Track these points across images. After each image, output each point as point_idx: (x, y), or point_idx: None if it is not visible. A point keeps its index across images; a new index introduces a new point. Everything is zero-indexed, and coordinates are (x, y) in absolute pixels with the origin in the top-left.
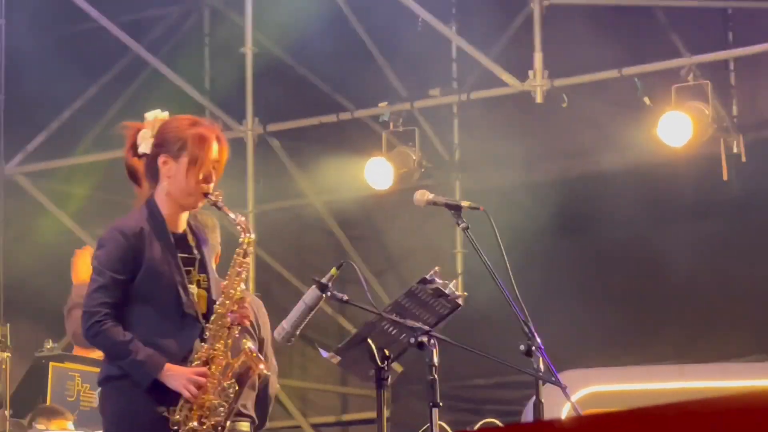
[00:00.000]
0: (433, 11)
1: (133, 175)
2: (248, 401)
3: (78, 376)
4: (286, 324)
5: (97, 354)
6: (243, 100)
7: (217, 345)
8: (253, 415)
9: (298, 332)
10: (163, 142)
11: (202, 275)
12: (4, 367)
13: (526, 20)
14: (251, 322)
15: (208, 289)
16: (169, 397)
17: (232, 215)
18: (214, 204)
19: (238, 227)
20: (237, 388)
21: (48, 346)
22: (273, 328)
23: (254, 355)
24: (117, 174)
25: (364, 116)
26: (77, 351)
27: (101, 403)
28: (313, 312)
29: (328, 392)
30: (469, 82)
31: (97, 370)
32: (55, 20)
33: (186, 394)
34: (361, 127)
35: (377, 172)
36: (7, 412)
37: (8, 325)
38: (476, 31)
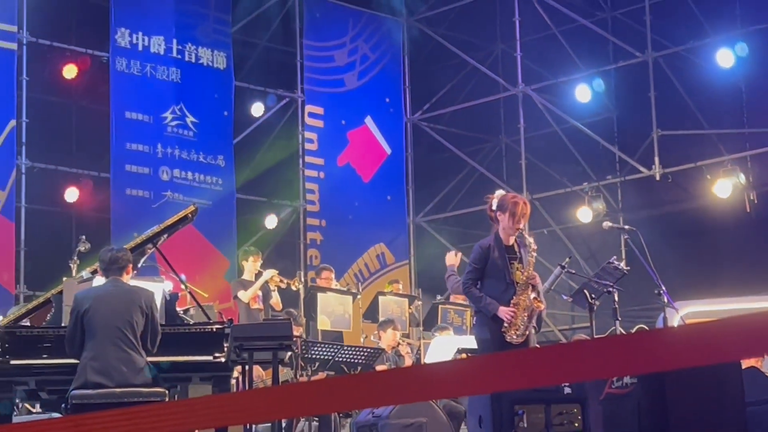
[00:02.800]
0: None
1: (491, 219)
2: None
3: (452, 310)
4: (546, 284)
5: (460, 300)
6: (521, 183)
7: (521, 297)
8: (536, 326)
9: (552, 287)
10: (500, 206)
11: (519, 265)
12: (419, 308)
13: None
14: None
15: (522, 271)
16: (501, 321)
17: (531, 240)
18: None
19: (532, 245)
20: (528, 315)
21: (438, 298)
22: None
23: (537, 300)
24: (486, 221)
25: None
26: (453, 298)
27: (475, 323)
28: (557, 279)
29: (563, 314)
30: None
31: (460, 308)
32: (430, 151)
33: (506, 318)
34: None
35: None
36: (420, 328)
37: (420, 289)
38: None
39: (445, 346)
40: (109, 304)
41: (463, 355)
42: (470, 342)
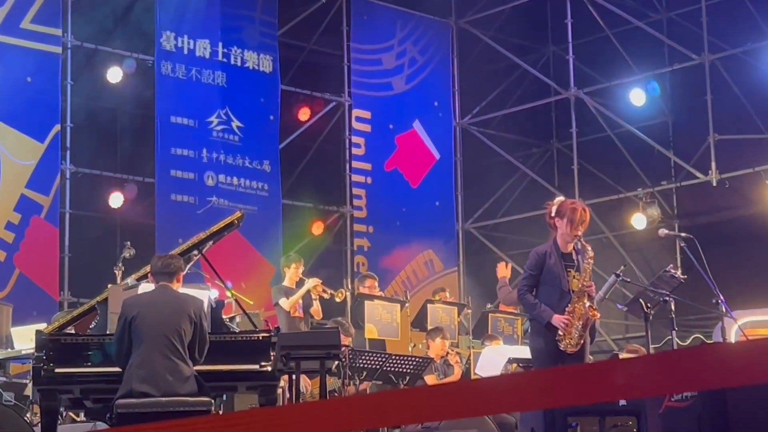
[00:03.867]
0: None
1: (550, 226)
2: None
3: (502, 319)
4: (601, 293)
5: (510, 309)
6: (573, 189)
7: (576, 305)
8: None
9: (606, 296)
10: (558, 212)
11: (576, 273)
12: (468, 317)
13: None
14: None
15: (578, 279)
16: (555, 329)
17: (588, 248)
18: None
19: (589, 251)
20: (583, 324)
21: (488, 306)
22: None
23: (593, 309)
24: (537, 227)
25: None
26: (502, 307)
27: (530, 333)
28: (612, 288)
29: (618, 323)
30: None
31: (510, 317)
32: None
33: (560, 326)
34: None
35: None
36: (470, 337)
37: (470, 297)
38: None
39: (495, 357)
40: (158, 312)
41: (514, 366)
42: (521, 352)
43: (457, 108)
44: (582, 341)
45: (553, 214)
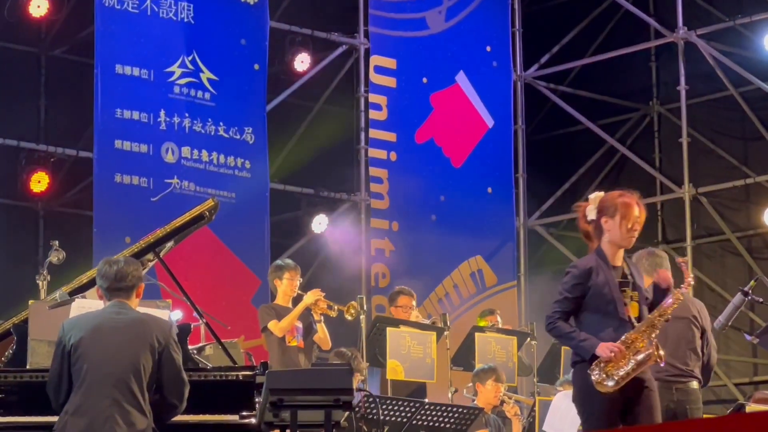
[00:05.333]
0: None
1: (585, 236)
2: (695, 368)
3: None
4: (721, 318)
5: None
6: (681, 170)
7: (638, 336)
8: (700, 377)
9: (729, 323)
10: (603, 210)
11: (634, 292)
12: (533, 350)
13: None
14: (694, 316)
15: (639, 301)
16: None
17: (684, 269)
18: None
19: (687, 276)
20: (639, 362)
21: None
22: (712, 320)
23: (657, 348)
24: None
25: None
26: None
27: (573, 378)
28: (738, 310)
29: (742, 362)
30: None
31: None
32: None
33: (603, 354)
34: None
35: None
36: (534, 379)
37: (534, 322)
38: None
39: (571, 408)
40: (109, 339)
41: None
42: None
43: (518, 56)
44: (624, 382)
45: (591, 217)
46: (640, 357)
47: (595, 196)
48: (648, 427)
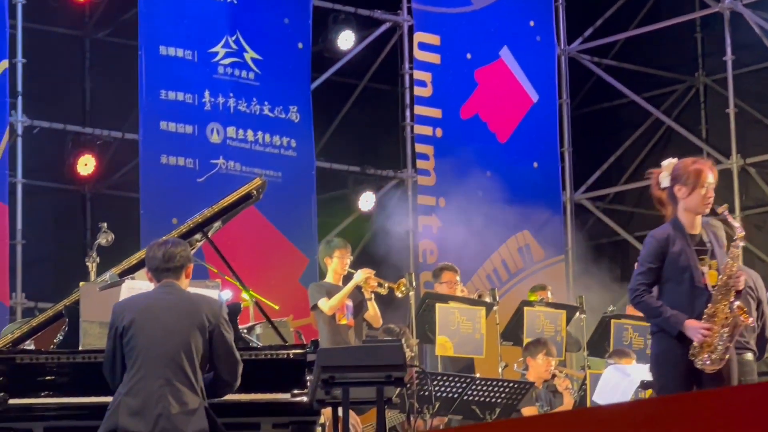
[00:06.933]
0: None
1: (659, 202)
2: (751, 339)
3: (630, 327)
4: None
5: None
6: (728, 141)
7: (718, 306)
8: (755, 348)
9: None
10: (677, 177)
11: (712, 260)
12: (582, 324)
13: None
14: (750, 287)
15: (717, 269)
16: (688, 340)
17: (731, 220)
18: (715, 213)
19: (736, 227)
20: (729, 333)
21: (609, 309)
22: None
23: (742, 310)
24: (648, 196)
25: None
26: (629, 311)
27: (652, 346)
28: None
29: None
30: None
31: (643, 324)
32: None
33: (698, 338)
34: None
35: None
36: (585, 353)
37: (583, 296)
38: None
39: (621, 380)
40: (158, 320)
41: (649, 392)
42: None
43: (562, 30)
44: (727, 356)
45: (665, 184)
46: (727, 328)
47: (668, 162)
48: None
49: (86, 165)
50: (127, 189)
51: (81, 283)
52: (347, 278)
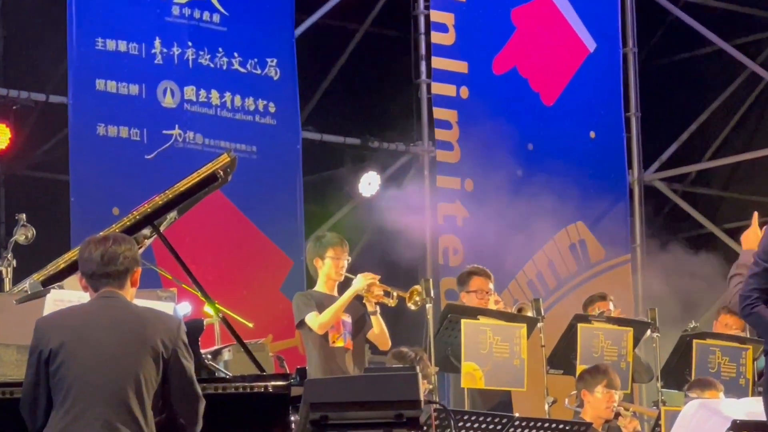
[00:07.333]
0: None
1: None
2: None
3: (718, 350)
4: None
5: (735, 329)
6: None
7: None
8: None
9: None
10: None
11: None
12: (654, 345)
13: None
14: None
15: None
16: None
17: None
18: None
19: None
20: None
21: (691, 326)
22: None
23: None
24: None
25: None
26: (717, 327)
27: (765, 370)
28: None
29: None
30: None
31: (736, 345)
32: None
33: None
34: None
35: None
36: (658, 384)
37: (656, 308)
38: None
39: (707, 419)
40: (99, 342)
41: None
42: (754, 407)
43: None
44: None
45: None
46: None
47: None
48: None
49: None
50: (52, 169)
51: None
52: (344, 286)
